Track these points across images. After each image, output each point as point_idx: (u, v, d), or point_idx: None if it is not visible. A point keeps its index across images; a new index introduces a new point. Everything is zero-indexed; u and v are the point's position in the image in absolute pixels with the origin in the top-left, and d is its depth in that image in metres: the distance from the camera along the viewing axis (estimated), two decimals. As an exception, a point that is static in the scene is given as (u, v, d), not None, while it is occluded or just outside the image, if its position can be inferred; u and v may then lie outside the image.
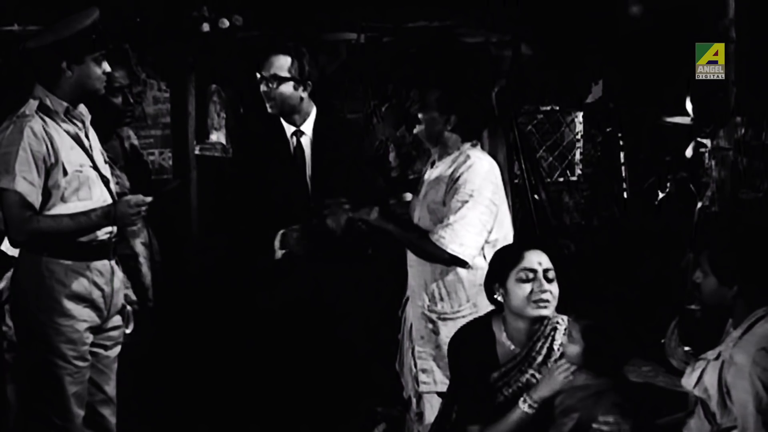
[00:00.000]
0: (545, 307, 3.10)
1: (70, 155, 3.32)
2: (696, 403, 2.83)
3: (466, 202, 3.46)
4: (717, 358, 2.73)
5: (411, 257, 3.70)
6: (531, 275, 3.10)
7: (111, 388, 3.52)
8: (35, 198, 3.24)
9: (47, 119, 3.29)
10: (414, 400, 3.71)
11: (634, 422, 2.80)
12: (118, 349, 3.55)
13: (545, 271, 3.12)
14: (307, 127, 4.06)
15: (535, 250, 3.17)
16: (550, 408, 3.02)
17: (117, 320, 3.53)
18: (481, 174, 3.52)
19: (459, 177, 3.50)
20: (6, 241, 3.88)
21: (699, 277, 2.80)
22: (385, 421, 4.57)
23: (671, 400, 3.46)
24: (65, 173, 3.29)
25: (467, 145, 3.66)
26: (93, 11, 3.35)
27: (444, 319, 3.57)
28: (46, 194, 3.28)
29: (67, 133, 3.34)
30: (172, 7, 5.10)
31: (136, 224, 3.44)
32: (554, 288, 3.12)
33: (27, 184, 3.20)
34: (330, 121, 4.14)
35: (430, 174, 3.69)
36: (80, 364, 3.36)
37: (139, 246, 4.01)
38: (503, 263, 3.19)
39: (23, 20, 4.83)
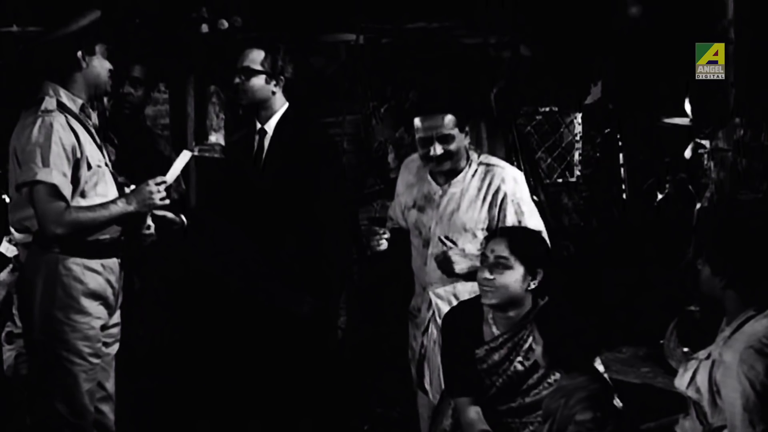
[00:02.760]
0: (485, 295, 3.15)
1: (91, 150, 3.37)
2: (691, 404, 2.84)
3: (532, 212, 3.60)
4: (708, 358, 2.74)
5: (433, 276, 3.64)
6: (482, 261, 3.18)
7: (111, 385, 3.55)
8: (68, 191, 3.27)
9: (67, 115, 3.33)
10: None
11: (601, 414, 2.81)
12: (117, 346, 3.57)
13: (496, 258, 3.13)
14: (271, 125, 4.04)
15: (499, 237, 3.21)
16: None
17: (117, 318, 3.55)
18: (523, 180, 3.67)
19: (507, 191, 3.57)
20: (5, 242, 3.90)
21: (700, 263, 2.81)
22: (383, 422, 4.58)
23: (670, 401, 3.46)
24: (89, 167, 3.34)
25: (474, 154, 3.68)
26: (95, 9, 3.40)
27: None
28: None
29: (85, 128, 3.38)
30: (171, 9, 5.10)
31: (158, 206, 3.45)
32: (501, 277, 3.12)
33: (61, 177, 3.24)
34: (296, 122, 4.04)
35: (448, 189, 3.64)
36: (95, 360, 3.40)
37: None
38: None
39: (22, 21, 4.84)
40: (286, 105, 4.03)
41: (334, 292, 4.06)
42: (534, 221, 3.59)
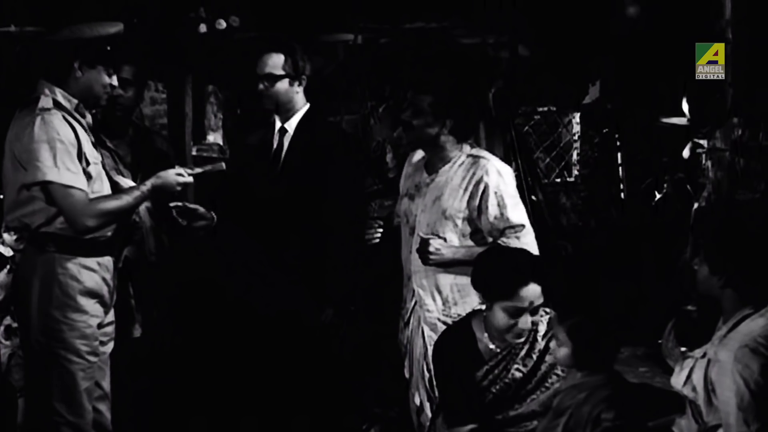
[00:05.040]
0: (523, 337, 3.12)
1: (88, 148, 3.39)
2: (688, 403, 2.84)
3: (515, 205, 3.56)
4: (704, 357, 2.75)
5: (417, 265, 3.67)
6: (518, 312, 3.07)
7: (107, 384, 3.56)
8: (83, 184, 3.29)
9: (64, 113, 3.34)
10: (427, 405, 3.69)
11: (622, 415, 2.80)
12: (111, 344, 3.57)
13: (535, 307, 3.08)
14: (292, 124, 4.06)
15: (532, 285, 3.06)
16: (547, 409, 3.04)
17: (111, 316, 3.56)
18: (509, 174, 3.63)
19: (489, 183, 3.54)
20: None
21: (697, 263, 2.82)
22: (381, 421, 4.57)
23: (668, 401, 3.46)
24: (87, 164, 3.35)
25: (467, 147, 3.66)
26: (118, 24, 3.42)
27: None
28: None
29: (81, 126, 3.39)
30: (169, 8, 5.10)
31: (175, 194, 3.54)
32: (537, 317, 3.11)
33: (72, 174, 3.26)
34: (317, 123, 4.10)
35: (435, 178, 3.67)
36: (92, 359, 3.41)
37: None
38: (493, 288, 3.12)
39: (20, 22, 4.84)
40: (308, 105, 4.06)
41: (339, 293, 4.06)
42: (517, 214, 3.55)
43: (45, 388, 3.38)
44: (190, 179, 3.53)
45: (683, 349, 4.91)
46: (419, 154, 3.83)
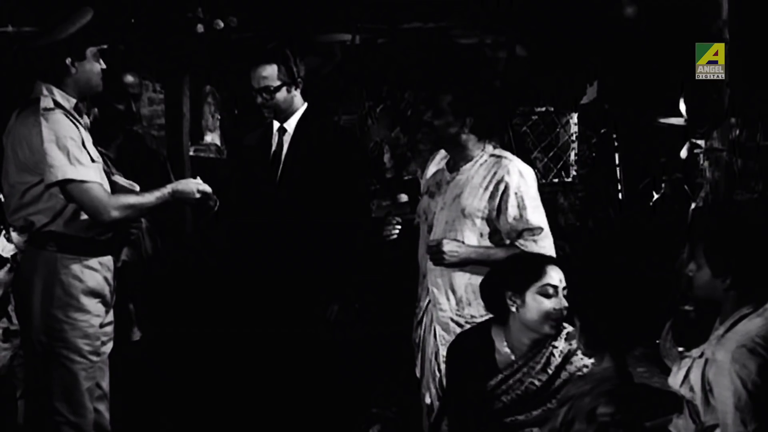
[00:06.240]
0: (557, 326, 3.12)
1: (89, 146, 3.39)
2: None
3: (536, 208, 3.55)
4: (701, 357, 2.75)
5: (431, 264, 3.67)
6: (552, 291, 3.11)
7: (106, 384, 3.56)
8: (100, 177, 3.32)
9: (65, 112, 3.35)
10: (437, 405, 3.68)
11: (621, 411, 2.80)
12: (111, 344, 3.57)
13: (563, 289, 3.13)
14: (291, 124, 4.08)
15: (555, 266, 3.16)
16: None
17: (111, 316, 3.56)
18: (530, 176, 3.62)
19: (509, 183, 3.53)
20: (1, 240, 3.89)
21: (692, 269, 2.81)
22: (380, 421, 4.58)
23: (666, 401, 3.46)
24: (92, 161, 3.36)
25: (490, 146, 3.67)
26: (87, 9, 3.41)
27: (474, 323, 3.54)
28: None
29: (80, 125, 3.40)
30: (166, 9, 5.11)
31: (192, 203, 3.54)
32: (564, 302, 3.14)
33: (87, 170, 3.28)
34: (316, 121, 4.11)
35: (456, 176, 3.67)
36: (94, 359, 3.42)
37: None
38: (525, 274, 3.16)
39: (18, 22, 4.83)
40: (306, 105, 4.08)
41: (342, 291, 4.06)
42: (537, 217, 3.55)
43: (46, 388, 3.38)
44: (209, 189, 3.54)
45: (681, 349, 4.93)
46: (443, 153, 3.84)
